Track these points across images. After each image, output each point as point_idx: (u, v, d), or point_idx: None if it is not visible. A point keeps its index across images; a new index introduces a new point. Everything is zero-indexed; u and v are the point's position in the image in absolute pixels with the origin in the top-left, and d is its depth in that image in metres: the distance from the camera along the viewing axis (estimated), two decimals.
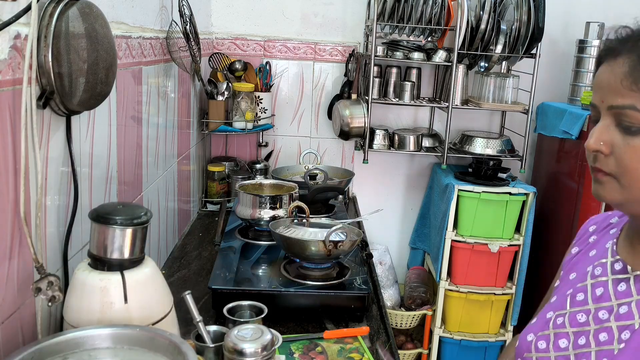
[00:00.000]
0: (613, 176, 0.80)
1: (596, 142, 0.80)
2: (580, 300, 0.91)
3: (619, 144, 0.79)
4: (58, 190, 1.07)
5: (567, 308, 0.92)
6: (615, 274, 0.89)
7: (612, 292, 0.87)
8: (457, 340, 2.64)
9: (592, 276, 0.92)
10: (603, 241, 0.97)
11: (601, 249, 0.96)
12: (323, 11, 2.69)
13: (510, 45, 2.40)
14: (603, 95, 0.80)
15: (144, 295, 1.02)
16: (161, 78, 1.74)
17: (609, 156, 0.80)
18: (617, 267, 0.89)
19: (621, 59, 0.78)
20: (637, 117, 0.76)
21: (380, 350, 1.36)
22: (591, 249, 0.99)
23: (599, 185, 0.82)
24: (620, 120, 0.78)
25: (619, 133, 0.79)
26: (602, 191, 0.82)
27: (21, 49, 0.90)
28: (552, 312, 0.94)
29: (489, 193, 2.44)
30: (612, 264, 0.90)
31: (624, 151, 0.78)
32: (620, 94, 0.77)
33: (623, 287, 0.86)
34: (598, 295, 0.88)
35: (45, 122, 1.00)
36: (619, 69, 0.78)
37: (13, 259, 0.92)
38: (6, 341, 0.91)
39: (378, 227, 2.86)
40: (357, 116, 2.49)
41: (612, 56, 0.80)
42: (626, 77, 0.77)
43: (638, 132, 0.77)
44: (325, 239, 1.51)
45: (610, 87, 0.79)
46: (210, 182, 2.49)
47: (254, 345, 1.05)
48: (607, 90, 0.79)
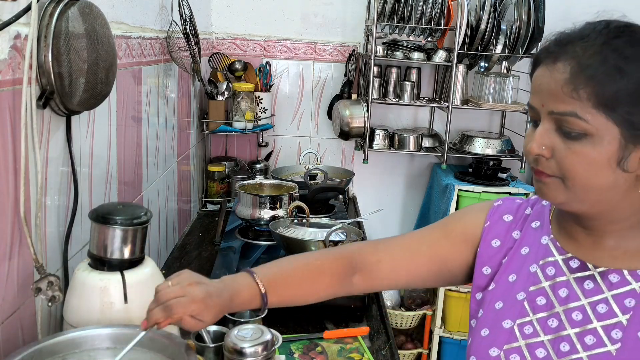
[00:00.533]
0: (557, 177, 0.80)
1: (538, 146, 0.80)
2: (543, 304, 0.87)
3: (560, 148, 0.79)
4: (58, 190, 1.07)
5: (530, 315, 0.88)
6: (574, 272, 0.87)
7: (579, 292, 0.85)
8: (457, 340, 2.64)
9: (547, 277, 0.89)
10: (530, 236, 0.94)
11: (536, 246, 0.92)
12: (323, 11, 2.68)
13: (510, 45, 2.40)
14: (543, 100, 0.80)
15: (144, 295, 1.02)
16: (161, 78, 1.74)
17: (551, 159, 0.80)
18: (574, 265, 0.87)
19: (561, 64, 0.77)
20: (578, 124, 0.76)
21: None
22: (521, 245, 0.94)
23: (542, 185, 0.83)
24: (560, 125, 0.78)
25: (559, 137, 0.79)
26: (547, 191, 0.82)
27: (21, 49, 0.90)
28: (509, 321, 0.89)
29: (489, 193, 2.44)
30: (565, 262, 0.88)
31: (565, 155, 0.78)
32: (561, 100, 0.77)
33: (590, 285, 0.85)
34: (563, 296, 0.86)
35: (45, 122, 1.00)
36: (559, 75, 0.77)
37: (13, 259, 0.92)
38: (6, 341, 0.91)
39: (378, 227, 2.86)
40: (357, 116, 2.49)
41: (551, 60, 0.79)
42: (567, 83, 0.76)
43: (578, 137, 0.77)
44: (325, 239, 1.51)
45: (550, 93, 0.78)
46: (210, 182, 2.49)
47: (254, 345, 1.05)
48: (547, 95, 0.79)
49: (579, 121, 0.76)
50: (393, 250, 1.03)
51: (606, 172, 0.77)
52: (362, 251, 1.04)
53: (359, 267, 1.02)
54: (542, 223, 0.94)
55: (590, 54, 0.76)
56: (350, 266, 1.02)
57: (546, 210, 0.96)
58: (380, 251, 1.04)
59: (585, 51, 0.76)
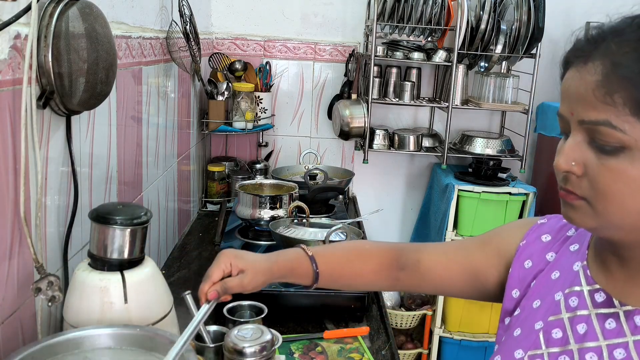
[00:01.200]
0: (586, 200, 0.69)
1: (567, 162, 0.69)
2: (558, 338, 0.78)
3: (592, 165, 0.67)
4: (58, 190, 1.07)
5: (543, 348, 0.78)
6: (597, 307, 0.76)
7: (598, 331, 0.74)
8: (457, 340, 2.64)
9: (568, 308, 0.79)
10: (565, 260, 0.84)
11: (567, 271, 0.82)
12: (323, 11, 2.68)
13: (510, 45, 2.40)
14: (572, 107, 0.69)
15: (144, 295, 1.02)
16: (161, 78, 1.74)
17: (582, 177, 0.69)
18: (599, 299, 0.76)
19: (592, 65, 0.66)
20: (613, 135, 0.64)
21: None
22: (552, 269, 0.85)
23: (570, 209, 0.72)
24: (593, 137, 0.67)
25: (592, 152, 0.67)
26: (574, 216, 0.72)
27: (21, 49, 0.90)
28: (521, 351, 0.80)
29: (489, 193, 2.44)
30: (590, 293, 0.77)
31: (598, 173, 0.67)
32: (592, 107, 0.66)
33: (612, 325, 0.73)
34: (581, 333, 0.76)
35: (45, 122, 1.00)
36: (590, 77, 0.66)
37: (13, 259, 0.92)
38: (6, 341, 0.91)
39: (378, 227, 2.86)
40: (357, 116, 2.49)
41: (582, 60, 0.68)
42: (599, 87, 0.65)
43: (614, 152, 0.65)
44: (325, 239, 1.51)
45: (580, 98, 0.67)
46: (210, 182, 2.49)
47: (254, 345, 1.05)
48: (577, 102, 0.68)
49: (614, 132, 0.64)
50: (432, 254, 1.01)
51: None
52: (407, 249, 1.04)
53: (402, 263, 1.02)
54: (581, 247, 0.84)
55: (626, 52, 0.64)
56: (397, 260, 1.03)
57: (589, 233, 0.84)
58: (421, 252, 1.02)
59: (620, 48, 0.65)
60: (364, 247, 1.08)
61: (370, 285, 1.07)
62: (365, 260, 1.04)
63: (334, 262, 1.03)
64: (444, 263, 0.99)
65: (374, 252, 1.05)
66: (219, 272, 0.93)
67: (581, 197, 0.70)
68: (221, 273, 0.93)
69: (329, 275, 1.01)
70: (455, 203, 2.47)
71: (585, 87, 0.67)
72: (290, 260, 0.99)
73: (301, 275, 0.99)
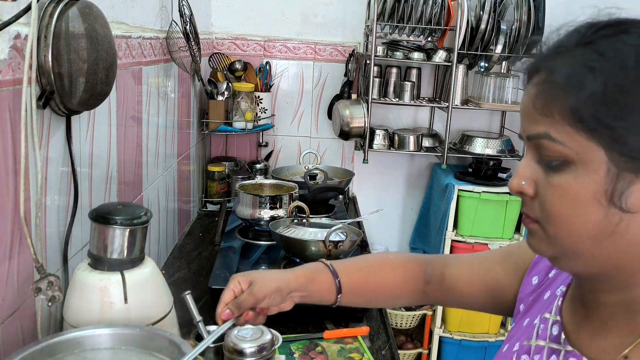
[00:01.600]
0: (539, 223, 0.64)
1: (518, 181, 0.64)
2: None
3: (541, 183, 0.63)
4: (58, 190, 1.07)
5: None
6: (552, 340, 0.73)
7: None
8: (457, 340, 2.64)
9: (537, 335, 0.76)
10: (558, 280, 0.80)
11: (552, 294, 0.79)
12: (323, 11, 2.68)
13: (510, 45, 2.40)
14: (523, 124, 0.65)
15: (143, 295, 1.02)
16: (161, 78, 1.74)
17: (534, 199, 0.64)
18: (554, 332, 0.73)
19: (536, 78, 0.63)
20: (554, 148, 0.60)
21: None
22: (547, 288, 0.82)
23: (529, 235, 0.67)
24: (540, 154, 0.63)
25: (541, 169, 0.63)
26: (532, 242, 0.67)
27: (21, 49, 0.90)
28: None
29: (489, 193, 2.44)
30: (552, 324, 0.74)
31: (546, 191, 0.62)
32: (534, 121, 0.62)
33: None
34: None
35: (45, 122, 1.00)
36: (532, 90, 0.63)
37: (13, 259, 0.92)
38: (6, 341, 0.91)
39: (378, 227, 2.86)
40: (357, 116, 2.49)
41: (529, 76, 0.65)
42: (538, 98, 0.62)
43: (558, 168, 0.61)
44: (325, 239, 1.51)
45: (525, 113, 0.64)
46: (210, 182, 2.49)
47: (254, 345, 1.05)
48: (524, 118, 0.64)
49: (554, 144, 0.60)
50: (456, 268, 0.98)
51: (594, 211, 0.59)
52: (433, 261, 1.02)
53: (428, 275, 1.00)
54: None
55: (563, 60, 0.61)
56: (423, 271, 1.00)
57: None
58: (446, 266, 0.99)
59: (559, 57, 0.62)
60: (387, 257, 1.04)
61: (396, 298, 1.03)
62: (390, 270, 1.00)
63: (356, 274, 0.99)
64: (466, 278, 0.97)
65: (398, 262, 1.01)
66: (229, 293, 0.91)
67: (535, 221, 0.65)
68: (231, 293, 0.91)
69: (351, 287, 0.96)
70: (455, 203, 2.47)
71: (528, 101, 0.64)
72: (310, 271, 0.96)
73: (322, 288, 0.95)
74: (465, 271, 0.97)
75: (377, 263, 1.02)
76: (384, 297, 1.03)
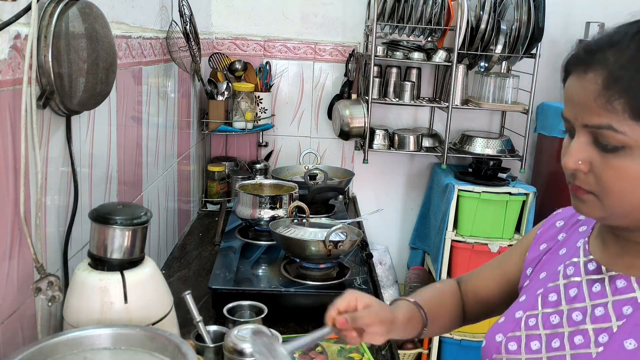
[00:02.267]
0: (594, 194, 0.77)
1: (574, 161, 0.76)
2: (553, 301, 0.88)
3: (597, 163, 0.75)
4: (58, 190, 1.07)
5: (539, 309, 0.89)
6: (589, 274, 0.86)
7: (586, 293, 0.84)
8: (457, 340, 2.64)
9: (565, 276, 0.89)
10: (573, 239, 0.95)
11: (572, 247, 0.93)
12: (323, 11, 2.68)
13: (510, 45, 2.40)
14: (576, 113, 0.75)
15: (144, 295, 1.02)
16: (161, 78, 1.74)
17: (588, 174, 0.76)
18: (591, 267, 0.86)
19: (592, 75, 0.73)
20: (614, 137, 0.72)
21: None
22: (561, 247, 0.96)
23: (579, 202, 0.79)
24: (596, 138, 0.74)
25: (596, 151, 0.75)
26: (583, 208, 0.79)
27: (21, 49, 0.90)
28: (521, 312, 0.91)
29: (489, 193, 2.44)
30: (585, 263, 0.88)
31: (602, 170, 0.74)
32: (595, 113, 0.72)
33: (598, 288, 0.83)
34: (572, 296, 0.86)
35: (45, 122, 1.00)
36: (591, 87, 0.72)
37: (13, 259, 0.92)
38: (6, 341, 0.91)
39: (378, 227, 2.86)
40: (357, 116, 2.49)
41: (582, 69, 0.75)
42: (600, 95, 0.71)
43: (615, 150, 0.73)
44: (325, 239, 1.51)
45: (583, 105, 0.74)
46: (210, 182, 2.49)
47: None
48: (580, 108, 0.75)
49: (616, 134, 0.71)
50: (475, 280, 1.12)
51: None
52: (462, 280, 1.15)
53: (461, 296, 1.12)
54: (587, 228, 0.93)
55: (623, 63, 0.71)
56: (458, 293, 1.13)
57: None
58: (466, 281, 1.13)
59: (618, 59, 0.72)
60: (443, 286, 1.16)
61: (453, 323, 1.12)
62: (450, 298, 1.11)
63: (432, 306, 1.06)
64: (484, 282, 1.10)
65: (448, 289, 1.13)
66: (345, 304, 0.96)
67: (589, 192, 0.77)
68: (346, 304, 0.95)
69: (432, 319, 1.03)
70: (455, 203, 2.47)
71: (587, 96, 0.73)
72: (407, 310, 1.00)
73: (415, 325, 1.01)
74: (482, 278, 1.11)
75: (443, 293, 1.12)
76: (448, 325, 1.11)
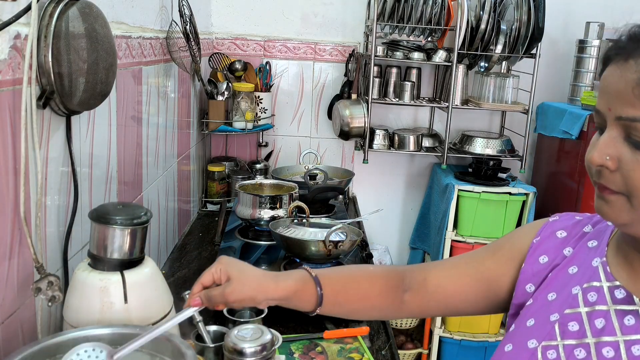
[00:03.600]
0: (622, 194, 0.70)
1: (601, 156, 0.70)
2: (575, 331, 0.78)
3: (627, 160, 0.68)
4: (58, 190, 1.07)
5: (558, 339, 0.79)
6: (617, 303, 0.76)
7: (617, 326, 0.75)
8: (457, 340, 2.64)
9: (587, 303, 0.79)
10: (583, 256, 0.84)
11: (585, 267, 0.83)
12: (323, 11, 2.69)
13: (510, 45, 2.40)
14: (610, 103, 0.69)
15: (143, 295, 1.02)
16: (161, 78, 1.74)
17: (615, 172, 0.69)
18: (619, 296, 0.77)
19: (633, 62, 0.67)
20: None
21: None
22: (569, 263, 0.85)
23: (604, 204, 0.72)
24: (629, 133, 0.68)
25: (627, 147, 0.68)
26: (609, 210, 0.72)
27: (21, 49, 0.90)
28: (535, 341, 0.81)
29: (489, 193, 2.44)
30: (610, 290, 0.78)
31: (632, 168, 0.68)
32: (631, 104, 0.67)
33: (631, 322, 0.74)
34: (599, 328, 0.76)
35: (45, 122, 1.00)
36: (630, 75, 0.67)
37: (13, 259, 0.92)
38: (6, 341, 0.91)
39: (378, 227, 2.86)
40: (357, 116, 2.49)
41: (623, 58, 0.68)
42: (638, 85, 0.66)
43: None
44: (325, 239, 1.51)
45: (619, 95, 0.68)
46: (210, 182, 2.49)
47: (254, 345, 1.05)
48: (615, 98, 0.69)
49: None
50: (440, 270, 0.99)
51: None
52: (412, 269, 1.02)
53: (407, 284, 1.00)
54: (600, 243, 0.84)
55: None
56: (402, 280, 1.00)
57: (608, 230, 0.85)
58: (427, 270, 1.00)
59: None
60: (368, 268, 1.06)
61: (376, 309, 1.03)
62: (371, 282, 1.00)
63: (340, 285, 0.98)
64: (454, 277, 0.97)
65: (379, 273, 1.02)
66: (209, 277, 0.90)
67: (616, 192, 0.70)
68: (211, 278, 0.90)
69: (333, 298, 0.97)
70: (455, 203, 2.47)
71: (625, 84, 0.67)
72: (295, 281, 0.94)
73: (303, 299, 0.95)
74: (452, 271, 0.98)
75: (360, 274, 1.02)
76: (363, 309, 1.02)
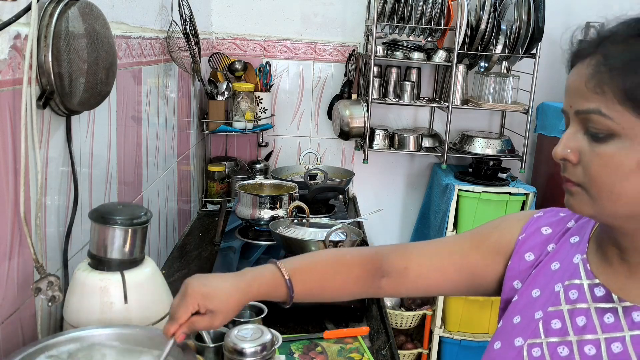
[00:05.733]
0: (582, 187, 0.74)
1: (563, 149, 0.74)
2: (557, 329, 0.80)
3: (586, 152, 0.73)
4: (58, 190, 1.07)
5: (542, 337, 0.81)
6: (597, 301, 0.79)
7: (597, 324, 0.77)
8: (457, 340, 2.64)
9: (568, 300, 0.81)
10: (565, 252, 0.87)
11: (567, 264, 0.85)
12: (323, 11, 2.68)
13: (510, 45, 2.40)
14: (571, 100, 0.74)
15: (143, 295, 1.02)
16: (161, 78, 1.74)
17: (577, 165, 0.74)
18: (598, 294, 0.79)
19: (587, 60, 0.72)
20: (603, 123, 0.70)
21: None
22: (552, 259, 0.87)
23: (570, 196, 0.76)
24: (587, 126, 0.72)
25: (586, 140, 0.73)
26: (574, 202, 0.76)
27: (21, 49, 0.90)
28: (521, 339, 0.83)
29: (489, 193, 2.44)
30: (590, 287, 0.80)
31: (591, 159, 0.72)
32: (585, 98, 0.71)
33: (610, 320, 0.77)
34: (580, 325, 0.79)
35: (45, 122, 1.00)
36: (584, 70, 0.72)
37: (13, 259, 0.92)
38: (6, 341, 0.91)
39: (378, 227, 2.86)
40: (357, 116, 2.49)
41: (581, 58, 0.74)
42: (590, 78, 0.71)
43: (604, 139, 0.70)
44: (325, 239, 1.51)
45: (576, 91, 0.73)
46: (210, 182, 2.49)
47: (254, 345, 1.05)
48: (574, 94, 0.74)
49: (604, 119, 0.70)
50: (421, 258, 0.99)
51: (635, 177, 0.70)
52: (391, 255, 1.01)
53: (386, 271, 1.00)
54: (581, 239, 0.87)
55: (617, 48, 0.71)
56: (380, 267, 1.00)
57: (589, 225, 0.87)
58: (408, 258, 1.00)
59: (612, 45, 0.71)
60: (344, 257, 1.02)
61: (353, 295, 1.05)
62: (346, 272, 1.00)
63: (313, 281, 0.98)
64: (437, 267, 0.98)
65: (355, 261, 1.01)
66: (186, 313, 0.87)
67: (577, 184, 0.74)
68: (188, 314, 0.87)
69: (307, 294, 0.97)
70: (455, 203, 2.47)
71: (580, 80, 0.73)
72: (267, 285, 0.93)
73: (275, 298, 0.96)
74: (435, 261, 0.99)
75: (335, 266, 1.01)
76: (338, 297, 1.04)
